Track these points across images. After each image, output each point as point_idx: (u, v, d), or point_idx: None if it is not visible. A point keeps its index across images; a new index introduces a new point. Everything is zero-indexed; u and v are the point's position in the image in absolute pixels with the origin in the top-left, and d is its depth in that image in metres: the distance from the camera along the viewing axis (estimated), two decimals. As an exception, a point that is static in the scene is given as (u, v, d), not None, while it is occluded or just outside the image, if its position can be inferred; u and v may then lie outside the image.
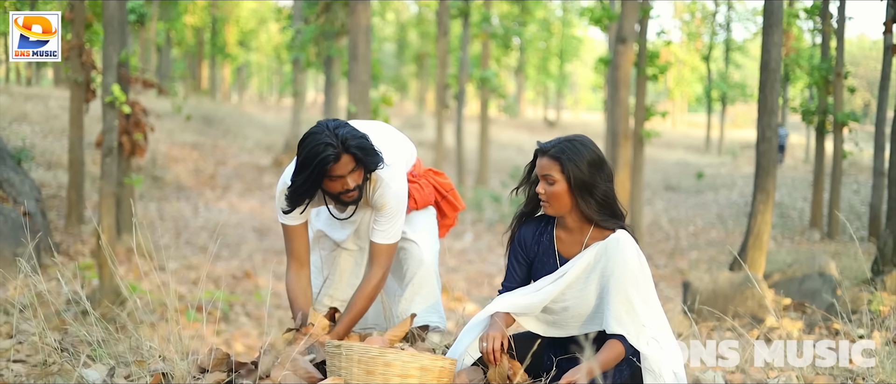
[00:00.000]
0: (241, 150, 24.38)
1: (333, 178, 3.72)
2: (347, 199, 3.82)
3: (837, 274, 10.33)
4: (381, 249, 3.98)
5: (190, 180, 19.73)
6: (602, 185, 3.56)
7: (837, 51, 18.68)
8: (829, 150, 19.98)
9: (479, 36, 25.75)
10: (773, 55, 9.84)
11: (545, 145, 3.62)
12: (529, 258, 3.81)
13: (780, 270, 10.57)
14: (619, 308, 3.49)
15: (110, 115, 9.08)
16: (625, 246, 3.52)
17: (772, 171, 10.17)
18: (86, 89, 12.88)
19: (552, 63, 43.76)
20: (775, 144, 10.19)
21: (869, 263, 12.71)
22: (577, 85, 66.33)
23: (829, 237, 18.96)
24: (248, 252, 15.62)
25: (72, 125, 13.39)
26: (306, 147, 3.69)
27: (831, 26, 19.44)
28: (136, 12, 14.39)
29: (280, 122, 31.79)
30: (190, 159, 21.24)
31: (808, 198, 22.87)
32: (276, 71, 52.81)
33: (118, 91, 8.90)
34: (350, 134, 3.69)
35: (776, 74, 9.95)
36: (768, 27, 9.88)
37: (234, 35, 37.59)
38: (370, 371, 3.20)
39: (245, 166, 22.58)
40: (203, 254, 14.13)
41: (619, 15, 17.24)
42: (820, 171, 19.79)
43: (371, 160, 3.75)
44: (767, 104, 10.01)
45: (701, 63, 37.47)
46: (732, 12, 35.34)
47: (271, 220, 18.26)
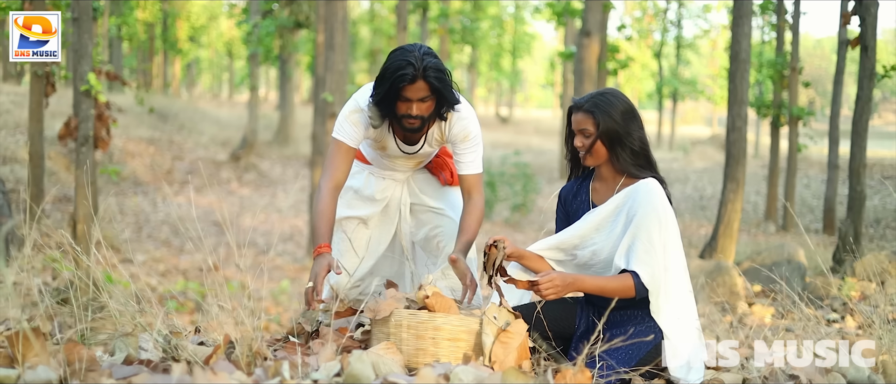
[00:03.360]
0: (197, 145, 24.14)
1: (404, 99, 3.77)
2: (408, 126, 3.84)
3: (806, 261, 10.51)
4: (475, 180, 4.08)
5: (147, 175, 19.50)
6: (636, 132, 3.68)
7: (792, 45, 18.99)
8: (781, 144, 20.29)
9: (437, 31, 25.76)
10: (744, 46, 9.99)
11: (578, 101, 3.74)
12: (568, 212, 3.92)
13: (748, 258, 10.73)
14: (638, 246, 3.51)
15: (86, 104, 8.95)
16: (653, 190, 3.56)
17: (742, 161, 10.33)
18: (46, 83, 12.65)
19: (505, 59, 43.89)
20: (745, 134, 10.35)
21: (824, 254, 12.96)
22: (527, 82, 66.59)
23: (784, 229, 19.25)
24: (212, 246, 15.49)
25: (32, 118, 13.12)
26: (390, 60, 3.77)
27: (786, 21, 19.75)
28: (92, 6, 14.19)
29: (234, 117, 31.51)
30: (146, 154, 20.98)
31: (761, 192, 23.20)
32: (226, 67, 52.37)
33: (94, 80, 8.77)
34: (433, 64, 3.73)
35: (746, 65, 10.10)
36: (738, 18, 10.02)
37: (184, 30, 37.21)
38: (420, 336, 3.21)
39: (202, 161, 22.36)
40: (167, 248, 13.99)
41: (581, 10, 17.38)
42: (775, 164, 20.09)
43: (446, 95, 3.80)
44: (737, 94, 10.17)
45: (652, 60, 37.81)
46: (683, 10, 35.70)
47: (232, 215, 18.12)
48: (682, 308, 3.55)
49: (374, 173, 4.39)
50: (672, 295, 3.53)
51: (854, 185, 10.94)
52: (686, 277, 3.64)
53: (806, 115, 19.01)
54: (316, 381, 2.41)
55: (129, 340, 2.72)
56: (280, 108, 28.59)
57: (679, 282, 3.58)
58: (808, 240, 6.28)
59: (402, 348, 3.20)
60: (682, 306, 3.55)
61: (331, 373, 2.47)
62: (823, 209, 18.49)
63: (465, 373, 2.58)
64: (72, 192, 15.21)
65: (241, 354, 2.68)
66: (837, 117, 17.32)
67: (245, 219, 18.00)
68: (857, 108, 10.93)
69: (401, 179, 4.40)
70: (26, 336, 2.33)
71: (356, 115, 3.97)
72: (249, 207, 19.11)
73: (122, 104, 17.61)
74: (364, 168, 4.40)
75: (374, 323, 3.40)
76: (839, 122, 17.46)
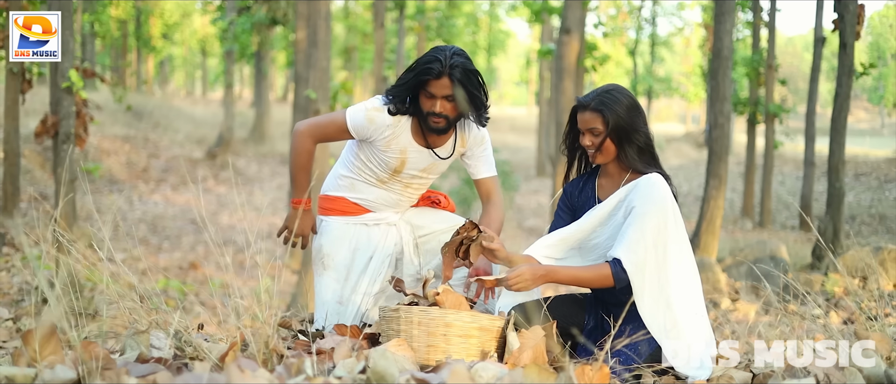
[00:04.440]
0: (173, 143, 23.99)
1: (428, 94, 3.78)
2: (433, 125, 3.84)
3: (788, 258, 10.57)
4: (493, 182, 4.18)
5: (123, 173, 19.36)
6: (642, 128, 3.66)
7: (769, 43, 19.11)
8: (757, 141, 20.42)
9: (414, 28, 25.71)
10: (726, 43, 10.03)
11: (584, 99, 3.70)
12: (573, 206, 3.90)
13: (731, 255, 10.77)
14: (628, 234, 3.46)
15: (67, 101, 8.83)
16: (655, 184, 3.52)
17: (724, 157, 10.36)
18: (22, 80, 12.50)
19: (479, 57, 43.89)
20: (728, 130, 10.40)
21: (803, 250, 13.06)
22: (501, 80, 66.68)
23: (761, 226, 19.38)
24: (190, 244, 15.39)
25: (7, 116, 12.98)
26: (423, 55, 3.83)
27: (761, 19, 19.87)
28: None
29: (209, 115, 31.34)
30: (122, 152, 20.83)
31: (737, 189, 23.34)
32: (199, 64, 52.06)
33: (75, 76, 8.66)
34: (462, 64, 3.75)
35: (728, 62, 10.14)
36: (720, 15, 10.06)
37: (158, 28, 36.95)
38: (431, 332, 3.19)
39: (178, 159, 22.22)
40: (145, 247, 13.88)
41: (559, 7, 17.40)
42: (751, 161, 20.21)
43: (474, 96, 3.80)
44: (720, 91, 10.20)
45: (626, 58, 37.95)
46: (657, 7, 35.84)
47: (209, 213, 18.02)
48: (688, 304, 3.52)
49: (359, 227, 4.24)
50: (672, 292, 3.49)
51: (833, 181, 11.01)
52: (693, 271, 3.61)
53: (782, 112, 19.14)
54: (340, 378, 2.38)
55: (140, 338, 2.68)
56: (255, 105, 28.46)
57: (684, 279, 3.55)
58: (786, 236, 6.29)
59: (413, 345, 3.17)
60: (686, 302, 3.52)
61: (355, 369, 2.43)
62: (800, 205, 18.60)
63: (486, 370, 2.55)
64: (47, 191, 15.06)
65: (258, 352, 2.65)
66: (813, 114, 17.45)
67: (223, 217, 17.90)
68: (836, 104, 11.00)
69: (393, 221, 4.30)
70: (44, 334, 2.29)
71: (378, 113, 3.92)
72: (227, 205, 19.00)
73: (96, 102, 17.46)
74: (348, 222, 4.24)
75: (382, 320, 3.37)
76: (816, 118, 17.59)
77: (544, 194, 24.56)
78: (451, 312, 3.23)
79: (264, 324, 2.74)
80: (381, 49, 20.00)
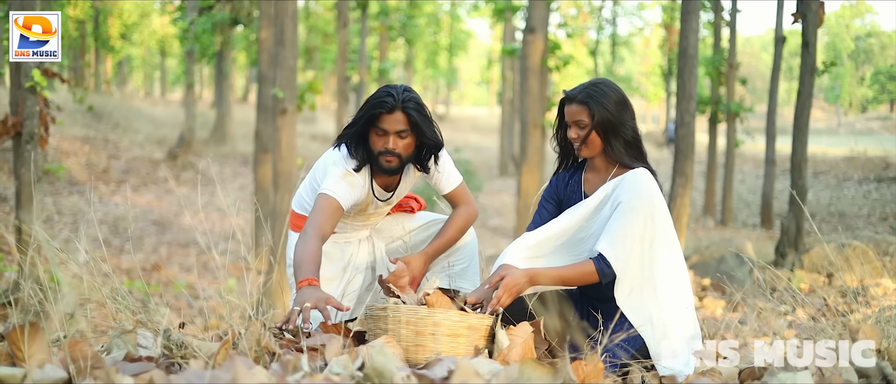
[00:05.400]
0: (133, 143, 23.75)
1: (380, 131, 3.69)
2: (385, 164, 3.74)
3: (754, 255, 10.65)
4: (460, 190, 4.09)
5: (82, 174, 19.12)
6: (629, 122, 3.66)
7: (730, 42, 19.29)
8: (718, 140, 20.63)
9: (377, 28, 25.66)
10: (692, 41, 10.06)
11: (571, 92, 3.70)
12: (559, 198, 3.88)
13: (697, 252, 10.84)
14: (613, 229, 3.45)
15: (31, 100, 8.69)
16: (642, 179, 3.52)
17: (690, 155, 10.40)
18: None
19: (441, 57, 43.92)
20: (693, 129, 10.43)
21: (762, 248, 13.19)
22: (461, 80, 66.72)
23: (722, 224, 19.55)
24: (152, 245, 15.24)
25: (-38, 118, 12.80)
26: (372, 95, 3.73)
27: (722, 18, 20.06)
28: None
29: (169, 115, 31.07)
30: (81, 153, 20.58)
31: (698, 188, 23.54)
32: (158, 65, 51.60)
33: (39, 76, 8.52)
34: (413, 99, 3.69)
35: (694, 60, 10.18)
36: (686, 14, 10.09)
37: (116, 28, 36.54)
38: (419, 332, 3.16)
39: (138, 160, 22.00)
40: (107, 248, 13.70)
41: (522, 6, 17.44)
42: (713, 160, 20.39)
43: (426, 132, 3.72)
44: (686, 89, 10.24)
45: (587, 58, 38.12)
46: (618, 7, 36.05)
47: (171, 214, 17.85)
48: (674, 299, 3.52)
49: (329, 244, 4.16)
50: (658, 287, 3.49)
51: (796, 179, 11.10)
52: (682, 266, 3.61)
53: (744, 111, 19.32)
54: (338, 375, 2.35)
55: (127, 337, 2.63)
56: (216, 106, 28.25)
57: (670, 273, 3.54)
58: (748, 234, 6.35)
59: (401, 344, 3.15)
60: (672, 297, 3.52)
61: (352, 366, 2.40)
62: (761, 204, 18.79)
63: (481, 366, 2.54)
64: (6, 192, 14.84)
65: (250, 349, 2.61)
66: (774, 113, 17.62)
67: (185, 218, 17.74)
68: (799, 102, 11.11)
69: (364, 235, 4.26)
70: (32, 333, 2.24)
71: (350, 177, 3.79)
72: (189, 206, 18.84)
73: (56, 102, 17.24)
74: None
75: (369, 318, 3.35)
76: (776, 118, 17.76)
77: (508, 194, 24.61)
78: (440, 311, 3.21)
79: (256, 322, 2.70)
80: (343, 49, 19.93)
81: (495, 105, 57.59)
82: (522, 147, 13.94)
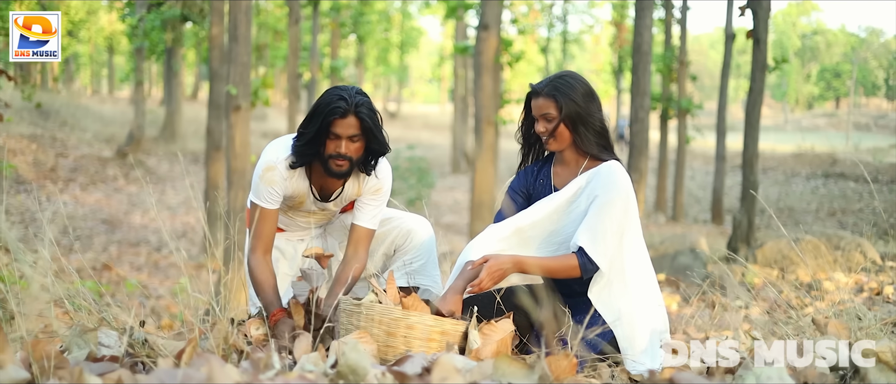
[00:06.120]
0: (81, 141, 23.39)
1: (332, 137, 3.62)
2: (336, 168, 3.68)
3: (708, 250, 10.74)
4: (366, 234, 3.93)
5: (29, 173, 18.79)
6: (596, 113, 3.64)
7: (681, 40, 19.45)
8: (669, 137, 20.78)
9: (329, 25, 25.51)
10: (646, 38, 10.14)
11: (538, 86, 3.67)
12: (528, 191, 3.84)
13: (652, 247, 10.90)
14: (593, 224, 3.44)
15: (-20, 99, 8.52)
16: (616, 171, 3.52)
17: (644, 151, 10.48)
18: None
19: (392, 55, 43.81)
20: (647, 125, 10.51)
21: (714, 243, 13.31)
22: (412, 78, 66.66)
23: (674, 220, 19.71)
24: (102, 244, 15.02)
25: None
26: (322, 97, 3.64)
27: (673, 16, 20.22)
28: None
29: (117, 113, 30.67)
30: (28, 151, 20.22)
31: (649, 184, 23.70)
32: (106, 62, 50.90)
33: (-11, 74, 8.34)
34: (365, 103, 3.62)
35: (648, 57, 10.26)
36: (640, 11, 10.17)
37: (63, 25, 35.99)
38: (391, 333, 3.12)
39: (87, 158, 21.67)
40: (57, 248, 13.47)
41: (475, 3, 17.42)
42: (664, 157, 20.55)
43: (376, 135, 3.66)
44: (640, 86, 10.31)
45: (538, 55, 38.24)
46: (569, 5, 36.19)
47: (121, 213, 17.61)
48: (642, 293, 3.52)
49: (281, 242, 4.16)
50: (628, 280, 3.49)
51: (747, 174, 11.22)
52: (647, 260, 3.62)
53: (694, 108, 19.49)
54: (311, 372, 2.30)
55: (88, 336, 2.56)
56: (166, 103, 27.93)
57: (638, 267, 3.55)
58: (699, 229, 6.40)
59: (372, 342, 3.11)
60: (641, 291, 3.52)
61: (324, 365, 2.35)
62: (712, 199, 18.97)
63: (456, 362, 2.50)
64: (-49, 191, 14.52)
65: (217, 347, 2.55)
66: (725, 110, 17.81)
67: (135, 216, 17.50)
68: (750, 99, 11.22)
69: (317, 233, 4.24)
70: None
71: (270, 173, 3.77)
72: (139, 205, 18.59)
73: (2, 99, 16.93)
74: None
75: (342, 312, 3.30)
76: (726, 114, 17.95)
77: (460, 191, 24.61)
78: (415, 314, 3.17)
79: (222, 320, 2.64)
80: (295, 46, 19.77)
81: (447, 102, 57.62)
82: (477, 143, 13.93)
